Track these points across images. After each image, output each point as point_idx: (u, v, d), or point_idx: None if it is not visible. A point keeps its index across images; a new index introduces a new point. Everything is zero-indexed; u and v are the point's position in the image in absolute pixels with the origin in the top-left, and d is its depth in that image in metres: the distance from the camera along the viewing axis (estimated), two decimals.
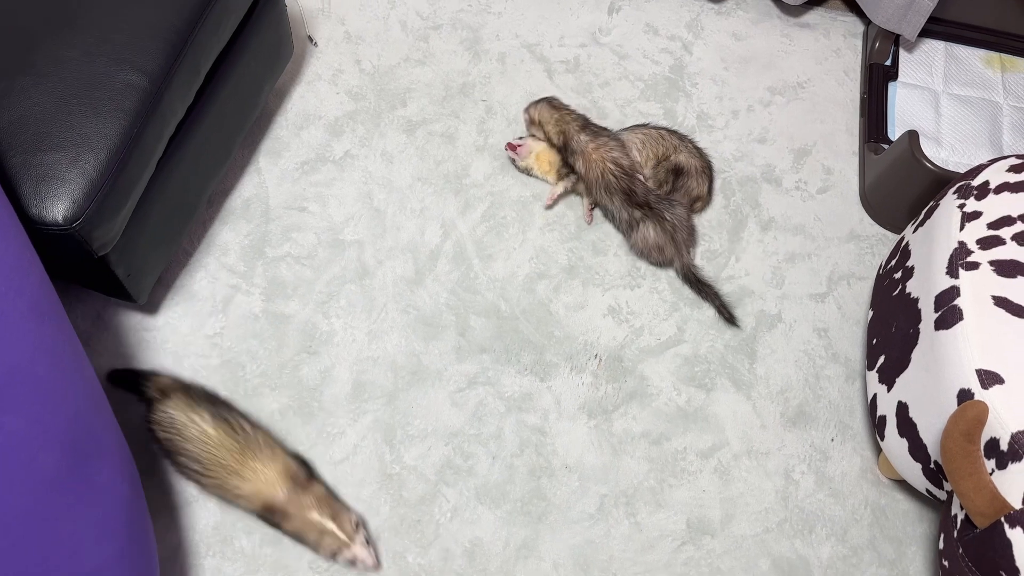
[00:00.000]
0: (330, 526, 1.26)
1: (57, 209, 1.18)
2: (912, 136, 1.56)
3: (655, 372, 1.52)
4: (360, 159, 1.70)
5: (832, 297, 1.60)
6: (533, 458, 1.43)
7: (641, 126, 1.70)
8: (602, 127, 1.66)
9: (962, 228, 1.24)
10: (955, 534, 1.15)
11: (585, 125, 1.63)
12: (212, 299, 1.54)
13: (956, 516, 1.16)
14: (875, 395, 1.35)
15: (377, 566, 1.31)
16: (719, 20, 1.95)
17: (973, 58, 1.89)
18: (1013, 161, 1.31)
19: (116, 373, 1.43)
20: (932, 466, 1.23)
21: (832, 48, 1.92)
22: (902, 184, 1.59)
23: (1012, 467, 1.06)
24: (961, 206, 1.27)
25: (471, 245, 1.63)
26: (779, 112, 1.82)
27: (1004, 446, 1.07)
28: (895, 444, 1.29)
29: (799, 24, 1.95)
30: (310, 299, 1.54)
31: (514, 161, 1.68)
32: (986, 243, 1.22)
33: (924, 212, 1.38)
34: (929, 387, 1.20)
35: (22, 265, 0.97)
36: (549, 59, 1.87)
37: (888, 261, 1.45)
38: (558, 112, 1.65)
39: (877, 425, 1.34)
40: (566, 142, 1.62)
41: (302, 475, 1.30)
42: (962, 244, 1.22)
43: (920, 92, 1.83)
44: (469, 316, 1.55)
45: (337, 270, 1.58)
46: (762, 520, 1.40)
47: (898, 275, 1.37)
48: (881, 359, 1.35)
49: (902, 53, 1.87)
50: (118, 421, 1.39)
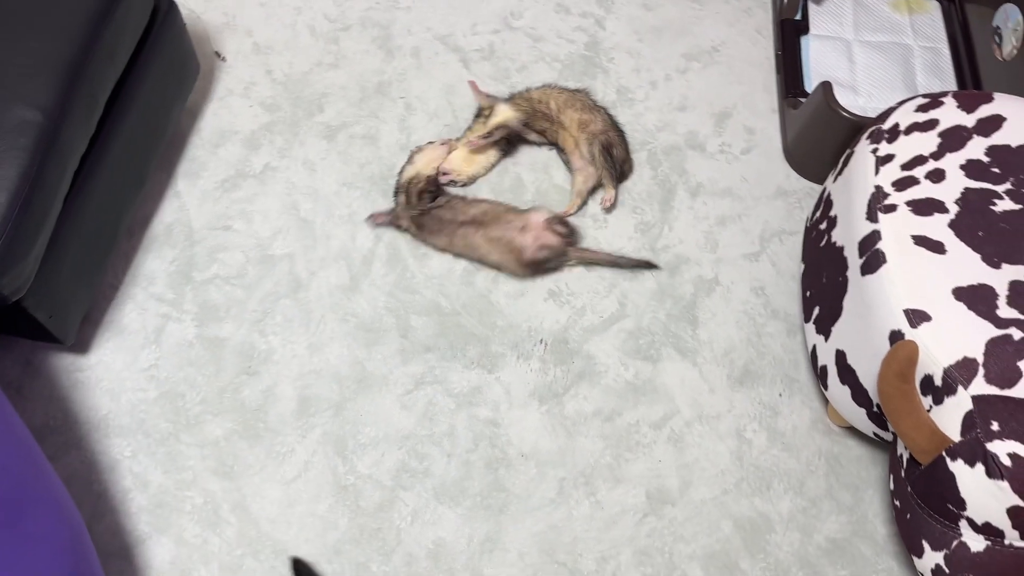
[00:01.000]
0: None
1: None
2: (826, 87, 1.58)
3: (601, 350, 1.52)
4: (281, 170, 1.67)
5: (766, 255, 1.62)
6: (488, 451, 1.43)
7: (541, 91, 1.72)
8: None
9: (877, 172, 1.26)
10: (902, 473, 1.17)
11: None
12: (143, 331, 1.50)
13: (902, 456, 1.18)
14: (814, 346, 1.37)
15: None
16: None
17: (880, 3, 1.92)
18: (920, 101, 1.33)
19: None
20: (875, 409, 1.24)
21: (742, 8, 1.93)
22: (821, 135, 1.61)
23: (948, 401, 1.08)
24: (874, 151, 1.29)
25: (404, 245, 1.61)
26: (696, 78, 1.83)
27: (938, 382, 1.09)
28: (838, 392, 1.31)
29: None
30: (244, 319, 1.51)
31: (456, 181, 1.66)
32: (901, 184, 1.23)
33: (842, 161, 1.39)
34: (862, 332, 1.21)
35: None
36: (464, 49, 1.85)
37: (813, 213, 1.47)
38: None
39: (820, 375, 1.35)
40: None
41: None
42: (879, 188, 1.24)
43: (832, 43, 1.85)
44: (410, 316, 1.54)
45: (269, 286, 1.55)
46: (720, 482, 1.41)
47: (823, 226, 1.38)
48: (816, 310, 1.36)
49: (811, 6, 1.89)
50: (59, 467, 1.37)
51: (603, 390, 1.48)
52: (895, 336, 1.14)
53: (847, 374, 1.27)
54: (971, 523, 1.06)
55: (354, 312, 1.53)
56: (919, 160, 1.26)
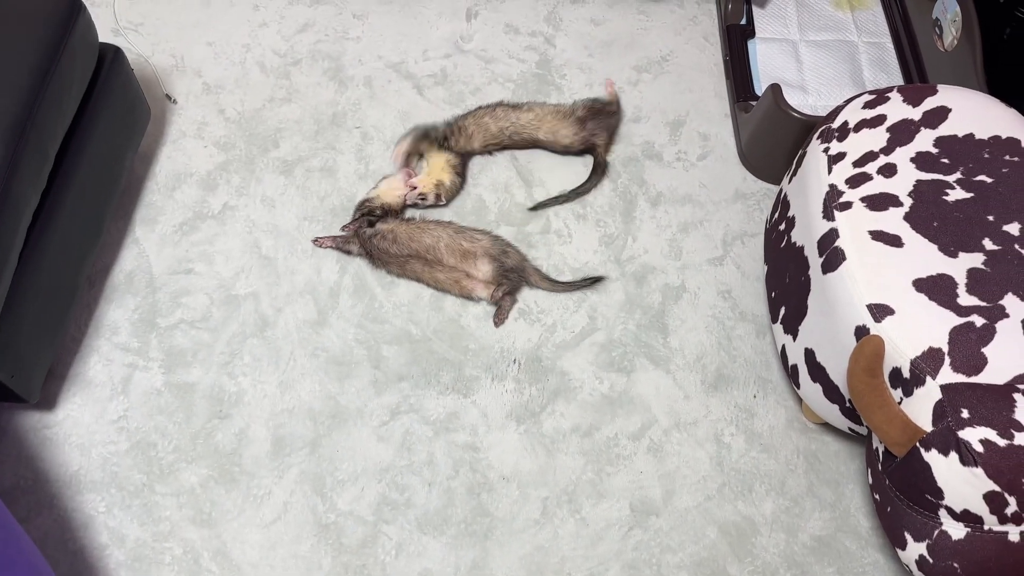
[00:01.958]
0: None
1: None
2: (775, 89, 1.60)
3: (575, 365, 1.52)
4: (240, 209, 1.66)
5: (729, 258, 1.63)
6: (469, 476, 1.42)
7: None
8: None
9: (830, 171, 1.28)
10: (879, 467, 1.18)
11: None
12: (110, 382, 1.47)
13: (877, 449, 1.19)
14: (784, 346, 1.38)
15: None
16: (576, 9, 1.96)
17: (822, 3, 1.95)
18: (867, 98, 1.35)
19: None
20: (848, 405, 1.26)
21: (688, 17, 1.96)
22: (774, 137, 1.63)
23: (917, 392, 1.09)
24: (826, 150, 1.31)
25: (370, 275, 1.60)
26: (648, 89, 1.84)
27: (906, 373, 1.10)
28: (810, 390, 1.32)
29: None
30: (212, 362, 1.49)
31: (426, 197, 1.65)
32: (854, 181, 1.25)
33: (795, 161, 1.41)
34: (829, 330, 1.22)
35: None
36: (416, 75, 1.86)
37: (772, 214, 1.49)
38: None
39: (791, 374, 1.36)
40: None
41: None
42: (833, 187, 1.26)
43: (779, 44, 1.88)
44: (381, 347, 1.53)
45: (236, 327, 1.53)
46: (702, 489, 1.41)
47: (782, 227, 1.40)
48: (782, 310, 1.38)
49: (755, 10, 1.92)
50: (32, 528, 1.33)
51: (579, 405, 1.48)
52: (860, 331, 1.15)
53: (817, 372, 1.28)
54: (950, 511, 1.07)
55: (324, 346, 1.52)
56: (870, 156, 1.28)
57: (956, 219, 1.20)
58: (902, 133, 1.29)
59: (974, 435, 1.02)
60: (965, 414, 1.03)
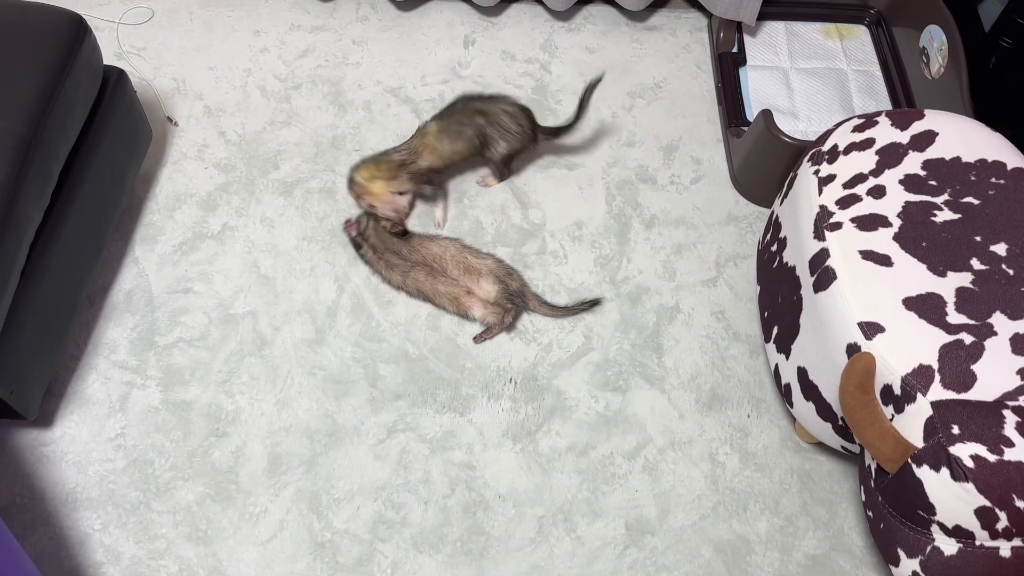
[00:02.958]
0: None
1: None
2: (766, 115, 1.63)
3: (570, 384, 1.53)
4: (240, 229, 1.68)
5: (723, 279, 1.65)
6: (465, 495, 1.42)
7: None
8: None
9: (820, 192, 1.30)
10: (872, 484, 1.19)
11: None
12: (108, 400, 1.48)
13: (870, 466, 1.20)
14: (776, 365, 1.40)
15: None
16: (571, 36, 2.00)
17: (812, 32, 2.00)
18: (856, 122, 1.38)
19: None
20: (840, 423, 1.27)
21: (681, 45, 2.00)
22: (766, 161, 1.66)
23: (908, 409, 1.11)
24: (816, 172, 1.33)
25: (368, 294, 1.62)
26: (642, 114, 1.88)
27: (898, 390, 1.12)
28: (803, 408, 1.33)
29: (646, 28, 2.03)
30: (210, 380, 1.50)
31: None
32: (844, 202, 1.28)
33: (786, 184, 1.44)
34: (821, 348, 1.24)
35: None
36: (414, 99, 1.89)
37: (764, 236, 1.51)
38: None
39: (784, 393, 1.38)
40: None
41: None
42: (823, 208, 1.28)
43: (770, 72, 1.91)
44: (378, 365, 1.54)
45: (233, 346, 1.54)
46: (697, 508, 1.42)
47: (774, 248, 1.42)
48: (775, 330, 1.40)
49: (746, 39, 1.96)
50: (28, 545, 1.33)
51: (575, 424, 1.49)
52: (852, 349, 1.17)
53: (810, 390, 1.29)
54: (942, 527, 1.08)
55: (321, 365, 1.53)
56: (859, 178, 1.30)
57: (944, 239, 1.22)
58: (891, 156, 1.32)
59: (965, 451, 1.03)
60: (955, 430, 1.05)
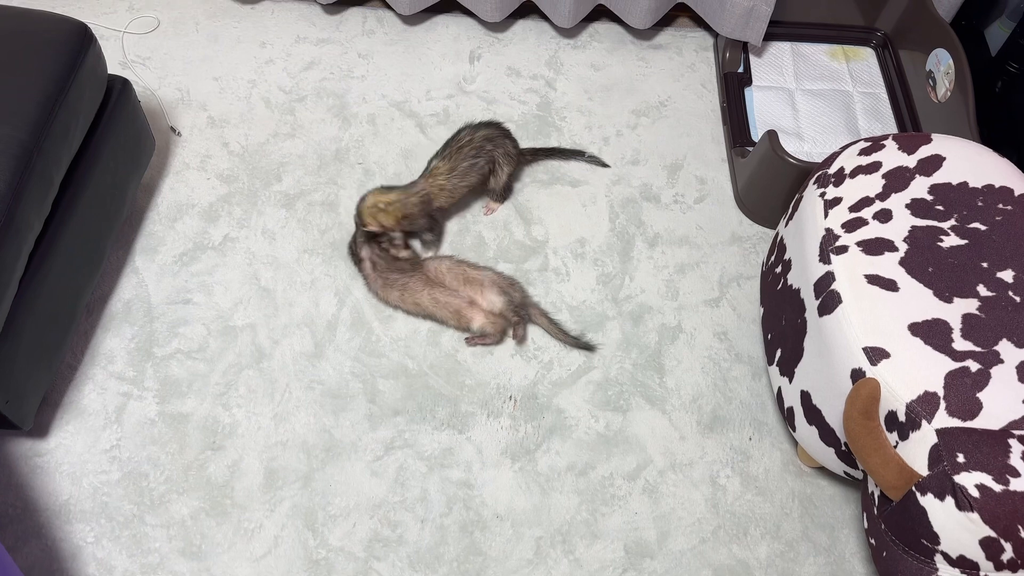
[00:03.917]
0: None
1: None
2: (772, 135, 1.63)
3: (570, 403, 1.52)
4: (241, 241, 1.67)
5: (725, 300, 1.64)
6: (463, 513, 1.40)
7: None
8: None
9: (826, 215, 1.29)
10: (875, 511, 1.17)
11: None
12: (104, 411, 1.47)
13: (873, 493, 1.18)
14: (779, 388, 1.38)
15: None
16: (576, 54, 2.00)
17: (818, 53, 2.00)
18: (862, 145, 1.37)
19: None
20: (844, 448, 1.26)
21: (686, 64, 2.00)
22: (770, 182, 1.65)
23: (913, 436, 1.09)
24: (822, 194, 1.33)
25: (368, 308, 1.61)
26: (647, 132, 1.87)
27: (902, 417, 1.11)
28: (806, 433, 1.32)
29: (652, 47, 2.03)
30: (207, 393, 1.49)
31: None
32: (850, 226, 1.27)
33: (792, 205, 1.43)
34: (825, 372, 1.23)
35: None
36: (419, 114, 1.88)
37: (768, 257, 1.50)
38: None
39: (787, 417, 1.37)
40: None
41: None
42: (829, 231, 1.27)
43: (775, 92, 1.91)
44: (377, 380, 1.53)
45: (232, 358, 1.53)
46: (697, 531, 1.40)
47: (779, 269, 1.41)
48: (778, 352, 1.38)
49: (752, 59, 1.96)
50: (19, 557, 1.31)
51: (575, 444, 1.48)
52: (856, 374, 1.16)
53: (813, 414, 1.28)
54: (946, 557, 1.07)
55: (320, 379, 1.52)
56: (866, 201, 1.29)
57: (951, 265, 1.21)
58: (897, 180, 1.31)
59: (970, 480, 1.02)
60: (961, 459, 1.03)
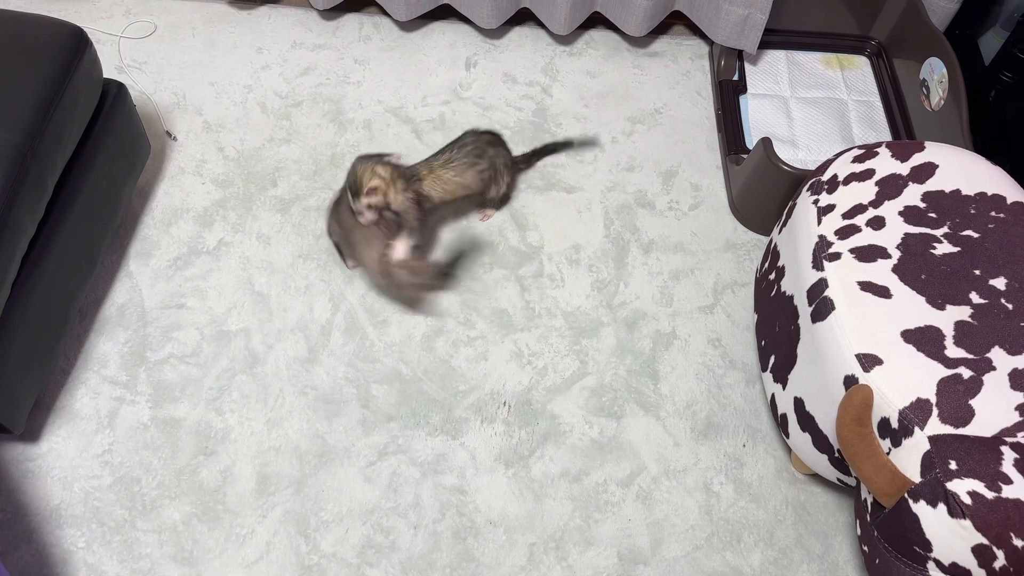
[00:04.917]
0: None
1: None
2: (766, 143, 1.63)
3: (565, 409, 1.52)
4: (235, 246, 1.67)
5: (720, 307, 1.64)
6: (456, 520, 1.40)
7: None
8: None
9: (819, 222, 1.30)
10: (868, 518, 1.17)
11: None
12: (96, 415, 1.46)
13: (866, 500, 1.18)
14: (773, 395, 1.38)
15: None
16: (572, 61, 2.01)
17: (813, 61, 2.00)
18: (856, 152, 1.38)
19: None
20: (836, 455, 1.26)
21: (682, 72, 2.01)
22: (765, 189, 1.66)
23: (906, 443, 1.10)
24: (815, 201, 1.33)
25: (363, 313, 1.60)
26: (642, 139, 1.88)
27: (895, 424, 1.11)
28: (799, 439, 1.32)
29: (648, 54, 2.03)
30: (200, 398, 1.49)
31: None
32: (843, 233, 1.27)
33: (785, 213, 1.44)
34: (818, 379, 1.23)
35: None
36: (415, 120, 1.89)
37: (762, 264, 1.50)
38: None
39: (780, 424, 1.37)
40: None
41: None
42: (822, 237, 1.28)
43: (770, 100, 1.92)
44: (370, 386, 1.52)
45: (225, 363, 1.53)
46: (690, 538, 1.40)
47: (772, 276, 1.41)
48: (772, 359, 1.38)
49: (747, 67, 1.97)
50: (9, 562, 1.31)
51: (569, 450, 1.48)
52: (849, 381, 1.16)
53: (806, 421, 1.28)
54: (938, 564, 1.07)
55: (313, 384, 1.52)
56: (859, 208, 1.30)
57: (943, 272, 1.21)
58: (890, 187, 1.32)
59: (962, 487, 1.02)
60: (953, 466, 1.03)
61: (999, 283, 1.20)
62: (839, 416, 1.14)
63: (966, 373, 1.11)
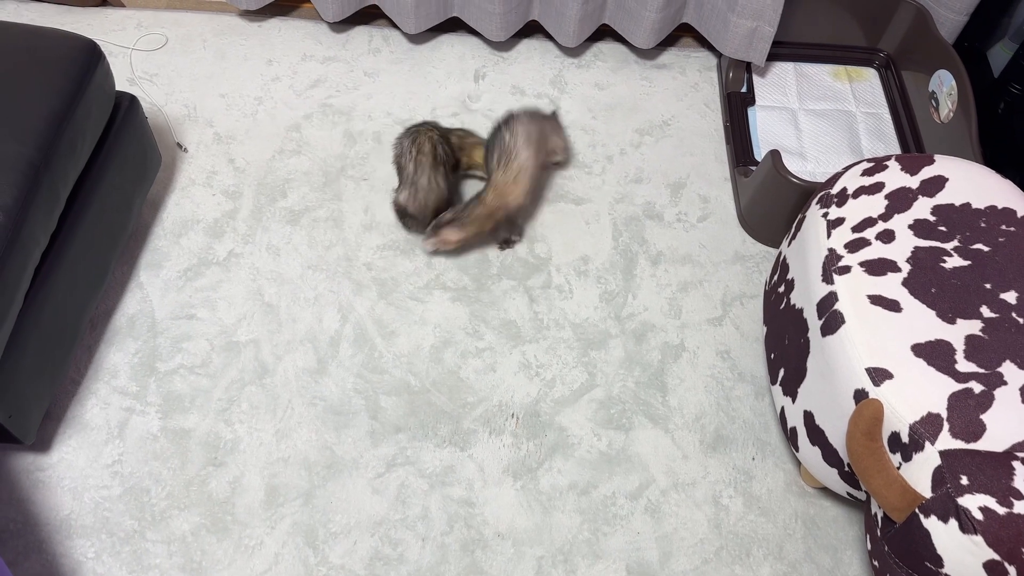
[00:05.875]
0: None
1: None
2: (775, 155, 1.63)
3: (573, 421, 1.52)
4: (245, 256, 1.68)
5: (728, 319, 1.64)
6: (464, 532, 1.40)
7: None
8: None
9: (829, 235, 1.30)
10: (878, 533, 1.17)
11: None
12: (107, 426, 1.47)
13: (876, 515, 1.18)
14: (782, 408, 1.38)
15: None
16: (581, 73, 2.01)
17: (821, 73, 2.01)
18: (865, 165, 1.38)
19: None
20: (847, 469, 1.25)
21: (690, 84, 2.01)
22: (773, 201, 1.66)
23: (916, 457, 1.09)
24: (825, 215, 1.33)
25: (371, 324, 1.61)
26: (650, 151, 1.88)
27: (905, 438, 1.10)
28: (809, 453, 1.31)
29: (656, 66, 2.04)
30: (209, 408, 1.49)
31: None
32: (853, 246, 1.27)
33: (795, 225, 1.43)
34: (828, 393, 1.23)
35: None
36: None
37: (771, 277, 1.50)
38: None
39: (790, 437, 1.36)
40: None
41: None
42: (832, 251, 1.27)
43: (778, 112, 1.92)
44: (379, 397, 1.53)
45: (235, 374, 1.53)
46: (699, 552, 1.39)
47: (781, 289, 1.41)
48: (781, 372, 1.38)
49: (755, 79, 1.97)
50: (19, 573, 1.31)
51: (577, 462, 1.47)
52: (859, 395, 1.15)
53: (816, 435, 1.28)
54: None
55: (322, 395, 1.52)
56: (869, 222, 1.30)
57: (954, 286, 1.21)
58: (900, 200, 1.32)
59: (974, 502, 1.01)
60: (964, 481, 1.03)
61: (1010, 297, 1.19)
62: (849, 430, 1.14)
63: (977, 387, 1.11)
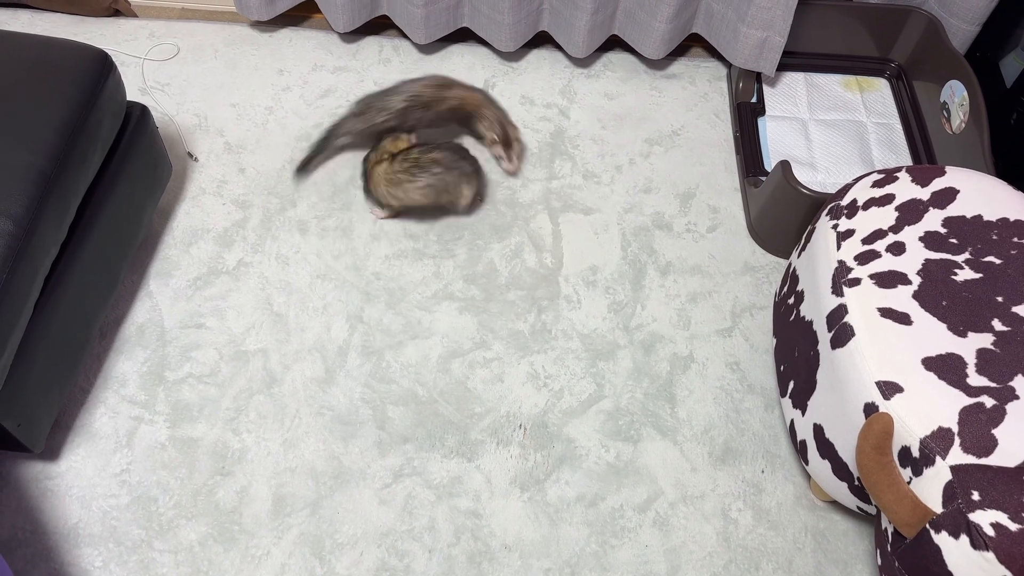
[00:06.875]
0: None
1: None
2: (785, 165, 1.63)
3: (581, 432, 1.51)
4: (255, 266, 1.68)
5: (738, 330, 1.63)
6: (471, 544, 1.39)
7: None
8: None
9: (839, 247, 1.29)
10: (889, 548, 1.15)
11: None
12: (115, 435, 1.47)
13: (887, 530, 1.17)
14: (792, 421, 1.37)
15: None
16: (590, 83, 2.01)
17: (832, 83, 2.00)
18: (876, 177, 1.37)
19: None
20: (857, 483, 1.24)
21: (700, 94, 2.01)
22: (783, 212, 1.65)
23: (927, 472, 1.08)
24: (835, 226, 1.32)
25: (379, 334, 1.61)
26: (659, 161, 1.88)
27: (916, 453, 1.09)
28: (819, 466, 1.30)
29: (665, 76, 2.04)
30: (217, 418, 1.49)
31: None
32: (863, 258, 1.26)
33: (805, 236, 1.43)
34: (837, 406, 1.22)
35: None
36: None
37: (781, 288, 1.49)
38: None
39: (799, 450, 1.35)
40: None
41: None
42: (842, 263, 1.27)
43: (789, 122, 1.91)
44: (387, 407, 1.52)
45: (243, 383, 1.53)
46: (708, 566, 1.38)
47: (791, 300, 1.40)
48: (791, 384, 1.37)
49: (766, 89, 1.97)
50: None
51: (585, 474, 1.47)
52: (869, 409, 1.14)
53: (826, 448, 1.27)
54: None
55: (330, 405, 1.52)
56: (879, 234, 1.29)
57: (965, 299, 1.20)
58: (911, 212, 1.31)
59: (985, 518, 1.00)
60: (976, 496, 1.02)
61: (1022, 310, 1.18)
62: (859, 444, 1.13)
63: (988, 402, 1.10)
